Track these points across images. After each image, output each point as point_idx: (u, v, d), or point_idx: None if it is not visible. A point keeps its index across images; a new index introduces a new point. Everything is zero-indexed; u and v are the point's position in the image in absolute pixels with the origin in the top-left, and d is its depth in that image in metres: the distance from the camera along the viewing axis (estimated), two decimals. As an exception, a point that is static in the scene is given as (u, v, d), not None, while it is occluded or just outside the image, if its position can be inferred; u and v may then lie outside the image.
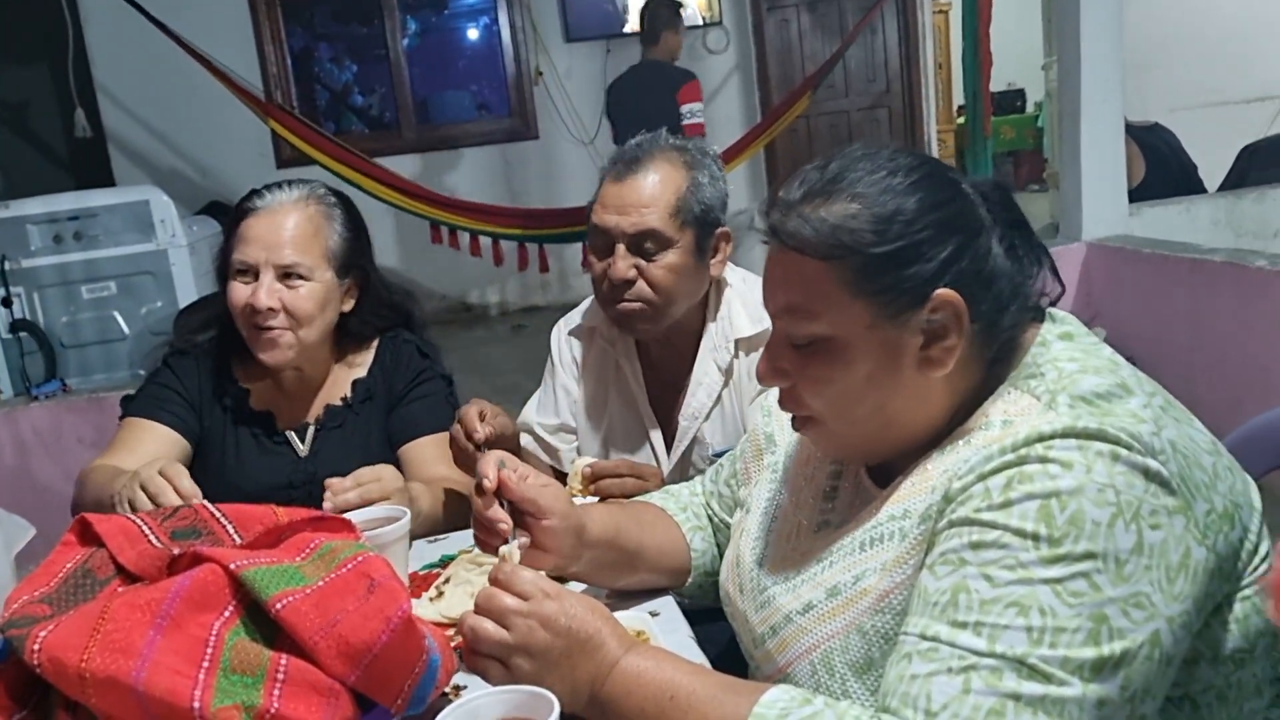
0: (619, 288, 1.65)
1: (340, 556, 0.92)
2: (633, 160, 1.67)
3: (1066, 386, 0.96)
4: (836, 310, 0.99)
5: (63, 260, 4.22)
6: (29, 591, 0.91)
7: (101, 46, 6.33)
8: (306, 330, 1.70)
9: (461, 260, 5.83)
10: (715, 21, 6.87)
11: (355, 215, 1.78)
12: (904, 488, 1.03)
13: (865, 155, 1.03)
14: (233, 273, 1.68)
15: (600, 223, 1.66)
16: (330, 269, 1.71)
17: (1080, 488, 0.87)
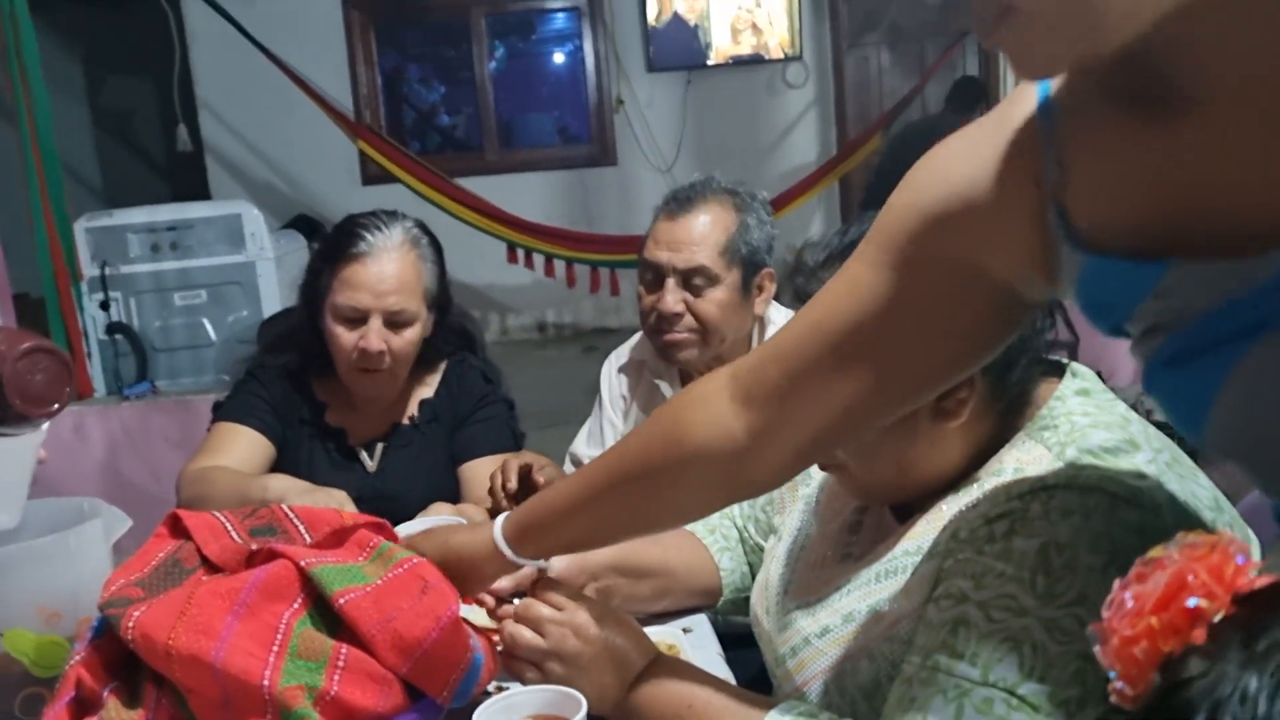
0: (667, 320, 1.75)
1: (396, 556, 1.03)
2: (686, 200, 1.78)
3: (1077, 440, 1.02)
4: None
5: (158, 268, 4.44)
6: (125, 576, 1.03)
7: (205, 64, 6.61)
8: (404, 367, 1.82)
9: (537, 280, 5.98)
10: (795, 56, 6.96)
11: (440, 250, 1.87)
12: (919, 525, 1.10)
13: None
14: (340, 317, 1.76)
15: (652, 258, 1.77)
16: (425, 307, 1.81)
17: (1077, 536, 0.93)
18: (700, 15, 6.88)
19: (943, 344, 0.89)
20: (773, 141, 7.08)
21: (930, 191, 0.85)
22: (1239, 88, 0.65)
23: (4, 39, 3.88)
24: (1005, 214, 0.80)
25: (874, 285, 0.87)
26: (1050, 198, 0.77)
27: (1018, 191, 0.79)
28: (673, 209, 1.78)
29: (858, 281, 0.88)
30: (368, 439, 1.89)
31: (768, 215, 1.82)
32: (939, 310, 0.86)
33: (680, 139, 6.99)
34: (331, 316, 1.77)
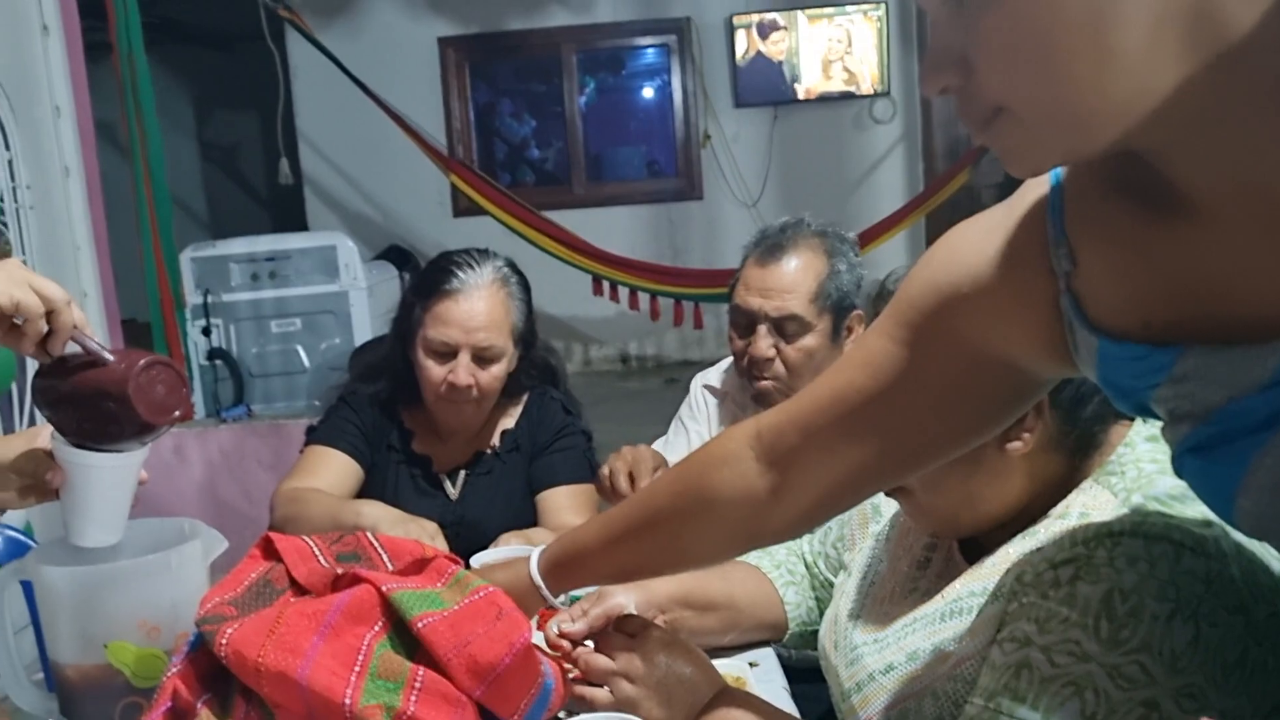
0: (758, 364, 1.77)
1: (472, 584, 1.08)
2: (776, 246, 1.80)
3: (1143, 486, 1.03)
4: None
5: (257, 296, 4.61)
6: (220, 595, 1.10)
7: (306, 99, 6.85)
8: (489, 400, 1.88)
9: (621, 312, 6.05)
10: (883, 92, 6.96)
11: (527, 288, 1.93)
12: (986, 566, 1.12)
13: None
14: (430, 350, 1.83)
15: (743, 303, 1.79)
16: (512, 342, 1.87)
17: (1142, 584, 0.93)
18: (789, 53, 6.92)
19: (954, 417, 0.92)
20: (859, 177, 7.08)
21: (946, 270, 0.87)
22: (1236, 197, 0.66)
23: (121, 78, 4.08)
24: (1018, 298, 0.82)
25: (888, 358, 0.91)
26: (1062, 283, 0.79)
27: (1030, 276, 0.81)
28: (763, 254, 1.80)
29: (874, 353, 0.92)
30: (451, 467, 1.95)
31: (857, 256, 1.84)
32: (950, 385, 0.89)
33: (766, 174, 7.03)
34: (422, 349, 1.84)
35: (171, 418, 1.08)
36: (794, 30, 6.89)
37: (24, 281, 0.99)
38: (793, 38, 6.90)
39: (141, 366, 1.06)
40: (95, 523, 1.10)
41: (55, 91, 3.96)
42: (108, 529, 1.12)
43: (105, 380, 1.06)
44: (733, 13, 6.90)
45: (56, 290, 1.02)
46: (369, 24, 6.90)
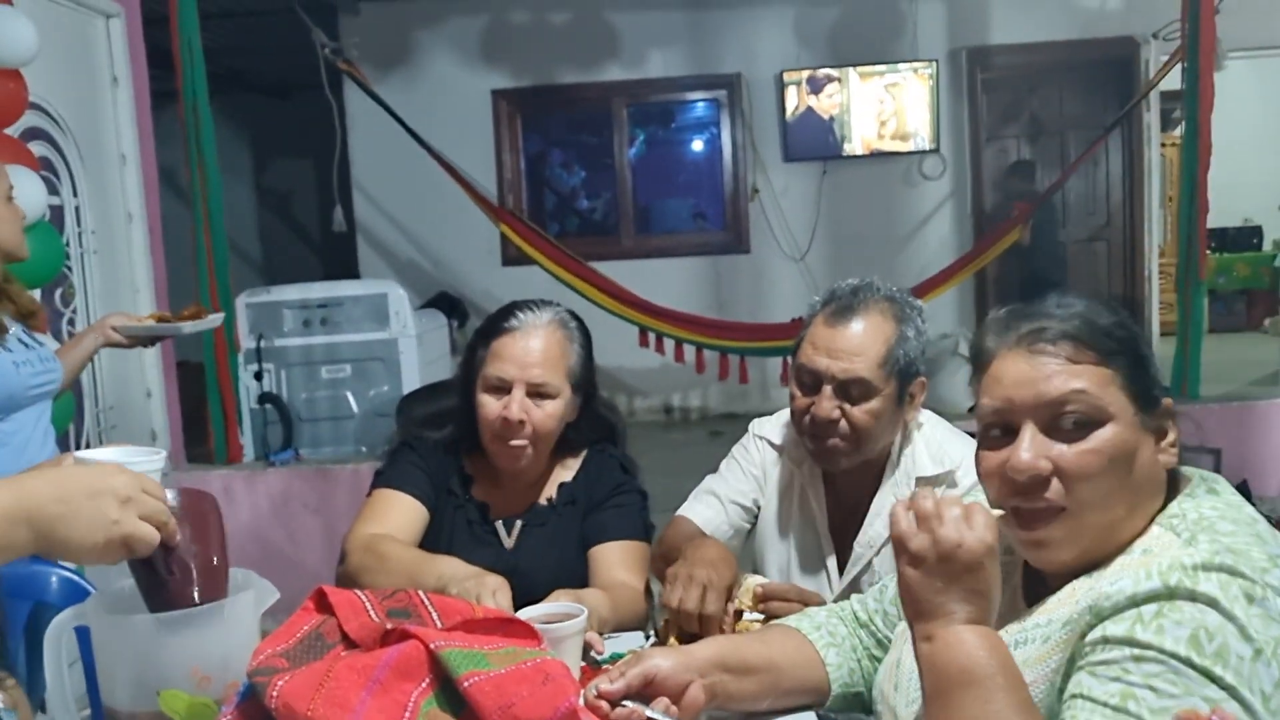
0: (821, 426, 1.76)
1: (523, 655, 1.08)
2: (847, 307, 1.78)
3: (1206, 529, 1.07)
4: (1113, 397, 1.12)
5: (309, 342, 4.68)
6: (272, 646, 1.11)
7: (361, 148, 6.99)
8: (544, 444, 1.89)
9: (666, 364, 6.07)
10: (933, 149, 6.97)
11: (588, 336, 1.96)
12: (1050, 603, 1.13)
13: (1088, 298, 1.19)
14: (487, 386, 1.86)
15: (810, 363, 1.78)
16: (569, 386, 1.89)
17: (1224, 624, 0.96)
18: (841, 109, 6.96)
19: None
20: (908, 233, 7.07)
21: None
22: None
23: (185, 126, 4.20)
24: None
25: None
26: None
27: None
28: (833, 314, 1.79)
29: None
30: (508, 515, 1.96)
31: (924, 323, 1.82)
32: None
33: (814, 228, 7.05)
34: (481, 387, 1.87)
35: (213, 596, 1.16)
36: (845, 86, 6.94)
37: (132, 519, 1.02)
38: (845, 94, 6.95)
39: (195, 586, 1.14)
40: None
41: (122, 140, 4.09)
42: None
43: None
44: (784, 69, 6.97)
45: (157, 507, 1.05)
46: (425, 76, 7.04)
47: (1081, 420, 1.11)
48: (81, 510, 0.98)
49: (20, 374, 2.20)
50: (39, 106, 3.42)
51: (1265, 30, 4.53)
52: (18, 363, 2.20)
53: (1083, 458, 1.11)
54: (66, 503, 0.97)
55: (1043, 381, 1.13)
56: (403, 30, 7.03)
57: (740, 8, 6.96)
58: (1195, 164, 4.15)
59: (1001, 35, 6.90)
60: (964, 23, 6.92)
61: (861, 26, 6.90)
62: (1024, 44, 6.85)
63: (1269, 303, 8.57)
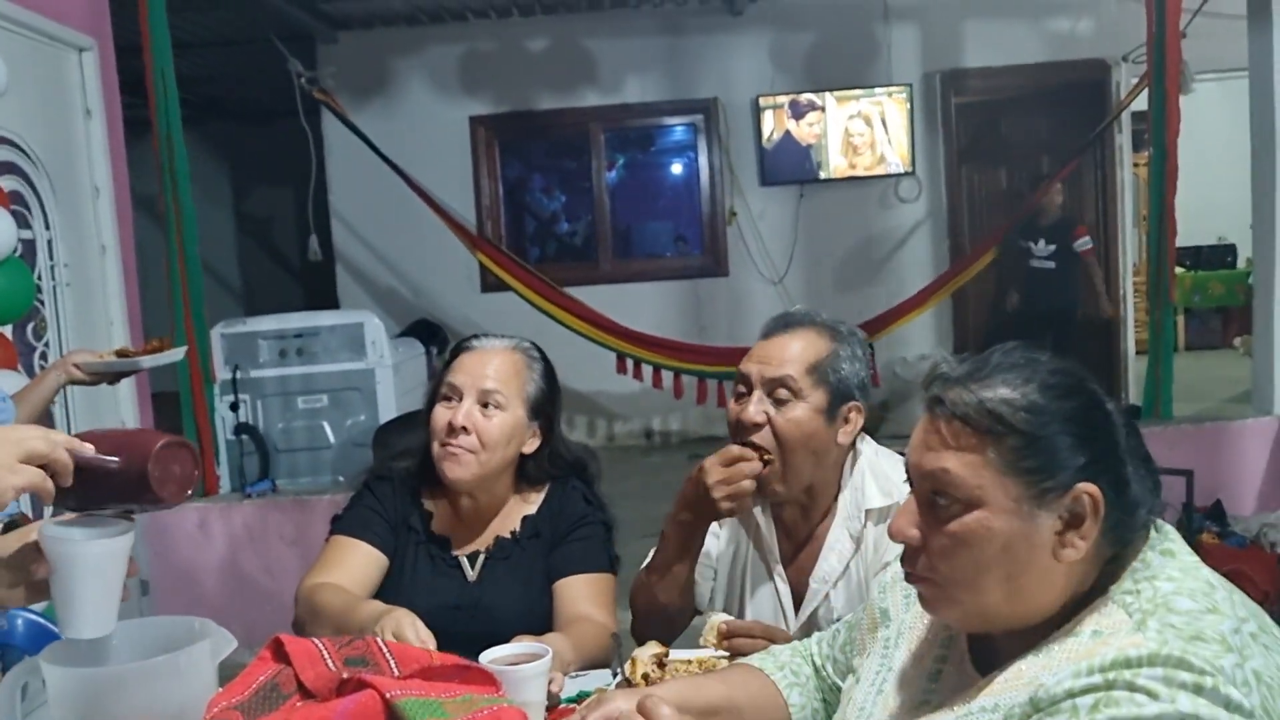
0: (746, 429, 1.77)
1: (478, 705, 1.08)
2: (784, 324, 1.83)
3: (1158, 608, 1.02)
4: (987, 481, 1.07)
5: (285, 373, 4.68)
6: (227, 699, 1.11)
7: (339, 176, 6.99)
8: (488, 455, 1.87)
9: (645, 389, 6.08)
10: (908, 171, 7.02)
11: (551, 371, 1.99)
12: (998, 682, 1.09)
13: (1027, 359, 1.13)
14: (440, 397, 1.90)
15: (743, 369, 1.81)
16: (523, 408, 1.90)
17: (1162, 716, 0.93)
18: (817, 137, 7.01)
19: None
20: (884, 255, 7.12)
21: None
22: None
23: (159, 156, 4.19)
24: None
25: None
26: None
27: None
28: (769, 329, 1.84)
29: None
30: (471, 550, 1.96)
31: (863, 354, 1.84)
32: None
33: (792, 251, 7.08)
34: (437, 399, 1.90)
35: (185, 495, 1.10)
36: (824, 112, 6.99)
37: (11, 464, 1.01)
38: (823, 120, 7.00)
39: (160, 447, 1.08)
40: (83, 612, 1.10)
41: (95, 172, 4.08)
42: (97, 619, 1.11)
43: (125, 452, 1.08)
44: (759, 93, 7.01)
45: (37, 445, 1.03)
46: (402, 103, 7.06)
47: (947, 500, 1.10)
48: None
49: None
50: (9, 140, 3.41)
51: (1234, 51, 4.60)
52: None
53: (940, 538, 1.10)
54: None
55: (923, 452, 1.12)
56: (380, 58, 7.05)
57: (716, 33, 7.01)
58: (1163, 185, 4.20)
59: (975, 59, 6.98)
60: (937, 47, 6.99)
61: (836, 51, 6.96)
62: (997, 67, 6.92)
63: (1244, 320, 8.64)
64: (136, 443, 1.10)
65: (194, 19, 5.88)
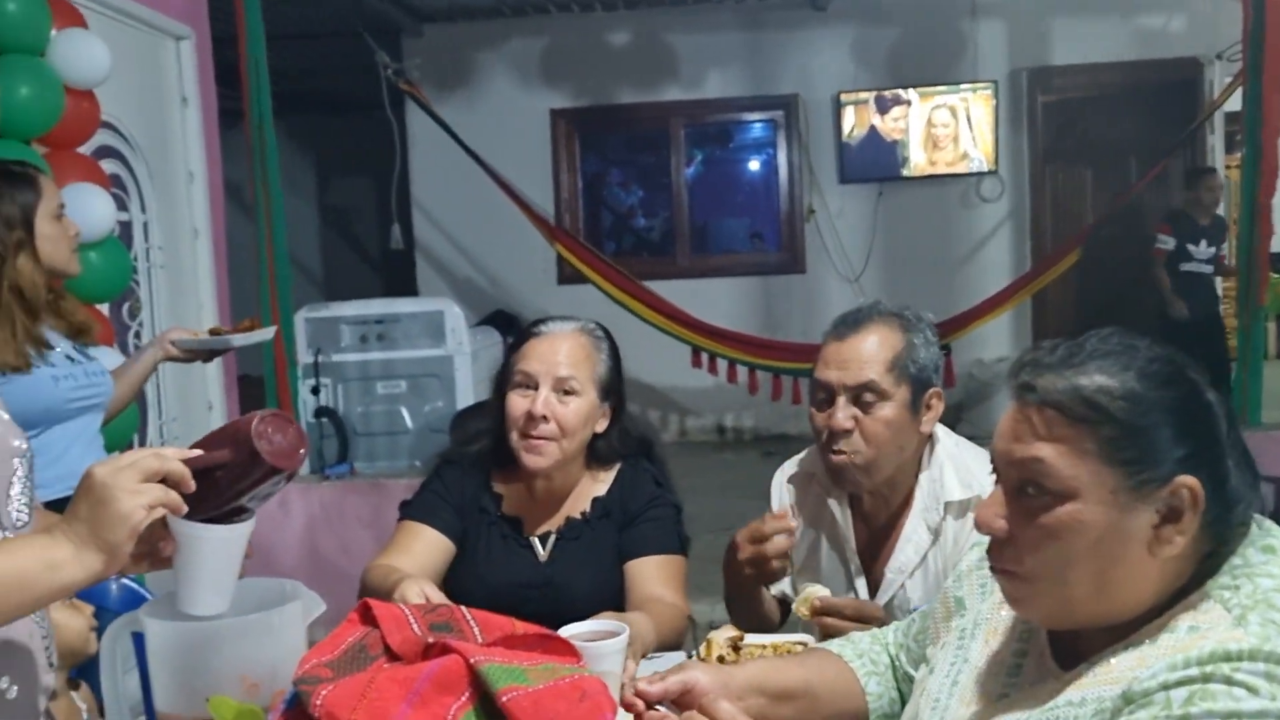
0: (838, 437, 1.78)
1: (560, 672, 1.10)
2: (854, 323, 1.82)
3: (1259, 604, 0.99)
4: (1083, 472, 1.04)
5: (365, 358, 4.76)
6: (318, 656, 1.14)
7: (421, 167, 7.09)
8: (568, 441, 1.91)
9: (719, 384, 6.08)
10: (991, 170, 6.92)
11: (617, 349, 2.01)
12: (1086, 677, 1.07)
13: (1125, 345, 1.09)
14: (514, 385, 1.92)
15: (822, 377, 1.81)
16: (595, 390, 1.93)
17: (1263, 712, 0.91)
18: (902, 132, 6.94)
19: None
20: (964, 254, 7.02)
21: None
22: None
23: (251, 145, 4.29)
24: None
25: None
26: None
27: None
28: (840, 331, 1.83)
29: None
30: (542, 530, 1.99)
31: (934, 336, 1.85)
32: None
33: (870, 249, 7.02)
34: (510, 387, 1.93)
35: (296, 461, 1.13)
36: (908, 108, 6.92)
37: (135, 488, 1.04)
38: (907, 115, 6.93)
39: (262, 418, 1.12)
40: (204, 592, 1.15)
41: (190, 158, 4.20)
42: (215, 598, 1.17)
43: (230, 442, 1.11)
44: (840, 90, 6.96)
45: (150, 463, 1.06)
46: (485, 96, 7.14)
47: (1039, 491, 1.06)
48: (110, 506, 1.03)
49: (59, 388, 2.27)
50: (111, 125, 3.52)
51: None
52: (57, 377, 2.27)
53: (1029, 530, 1.06)
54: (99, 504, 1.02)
55: (1012, 441, 1.08)
56: (464, 51, 7.13)
57: (798, 29, 6.98)
58: (1256, 186, 4.08)
59: (1062, 56, 6.85)
60: (1024, 43, 6.87)
61: (920, 47, 6.88)
62: (1085, 64, 6.79)
63: (1338, 330, 8.37)
64: (234, 430, 1.14)
65: (285, 11, 6.01)
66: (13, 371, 2.18)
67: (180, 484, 1.06)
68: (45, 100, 2.87)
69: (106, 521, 1.01)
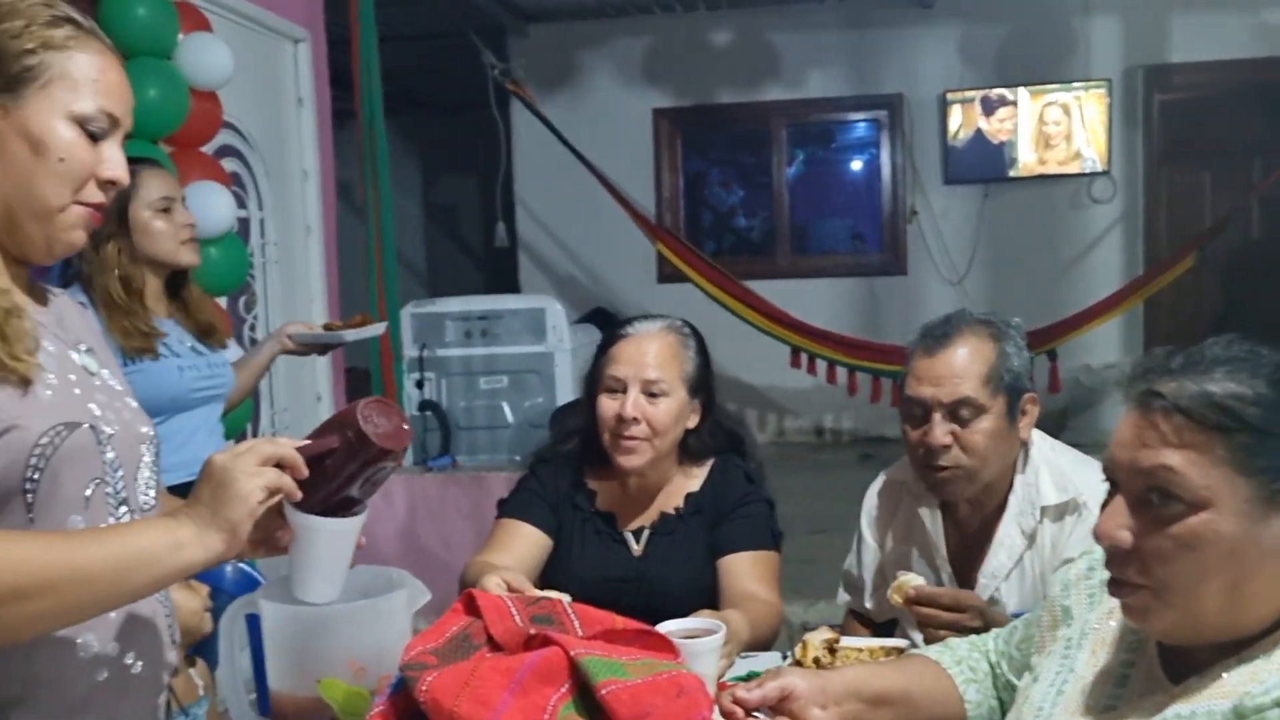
0: (936, 453, 1.76)
1: (658, 668, 1.12)
2: (942, 335, 1.79)
3: None
4: (1216, 480, 1.01)
5: (469, 353, 4.85)
6: (423, 644, 1.18)
7: (525, 166, 7.19)
8: (660, 440, 1.93)
9: (818, 385, 6.04)
10: (1104, 171, 6.73)
11: (704, 346, 2.03)
12: (1196, 690, 1.05)
13: (1249, 351, 1.06)
14: (603, 389, 1.95)
15: (916, 394, 1.78)
16: (684, 388, 1.95)
17: None
18: (1009, 133, 6.80)
19: None
20: (1072, 258, 6.84)
21: None
22: None
23: (361, 144, 4.41)
24: None
25: None
26: None
27: None
28: (929, 345, 1.79)
29: None
30: (636, 525, 2.02)
31: (1023, 340, 1.83)
32: None
33: (974, 251, 6.90)
34: (600, 390, 1.95)
35: (403, 442, 1.16)
36: (1016, 107, 6.78)
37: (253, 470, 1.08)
38: (1015, 115, 6.79)
39: (366, 404, 1.16)
40: (317, 580, 1.20)
41: (304, 157, 4.33)
42: (328, 586, 1.21)
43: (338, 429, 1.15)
44: (946, 89, 6.85)
45: (266, 448, 1.11)
46: (588, 95, 7.20)
47: (1167, 500, 1.02)
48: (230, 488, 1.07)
49: (184, 378, 2.36)
50: (232, 125, 3.66)
51: None
52: (182, 367, 2.37)
53: (1158, 540, 1.03)
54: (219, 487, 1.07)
55: (1137, 449, 1.05)
56: (568, 50, 7.21)
57: (903, 27, 6.88)
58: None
59: (1181, 53, 6.61)
60: (1141, 40, 6.66)
61: (1030, 45, 6.73)
62: (1205, 62, 6.54)
63: None
64: (340, 418, 1.18)
65: (395, 13, 6.16)
66: (142, 357, 2.28)
67: (294, 469, 1.11)
68: (172, 101, 2.99)
69: (227, 502, 1.06)
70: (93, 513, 1.14)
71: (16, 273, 1.18)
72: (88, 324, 1.31)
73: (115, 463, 1.17)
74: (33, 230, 1.14)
